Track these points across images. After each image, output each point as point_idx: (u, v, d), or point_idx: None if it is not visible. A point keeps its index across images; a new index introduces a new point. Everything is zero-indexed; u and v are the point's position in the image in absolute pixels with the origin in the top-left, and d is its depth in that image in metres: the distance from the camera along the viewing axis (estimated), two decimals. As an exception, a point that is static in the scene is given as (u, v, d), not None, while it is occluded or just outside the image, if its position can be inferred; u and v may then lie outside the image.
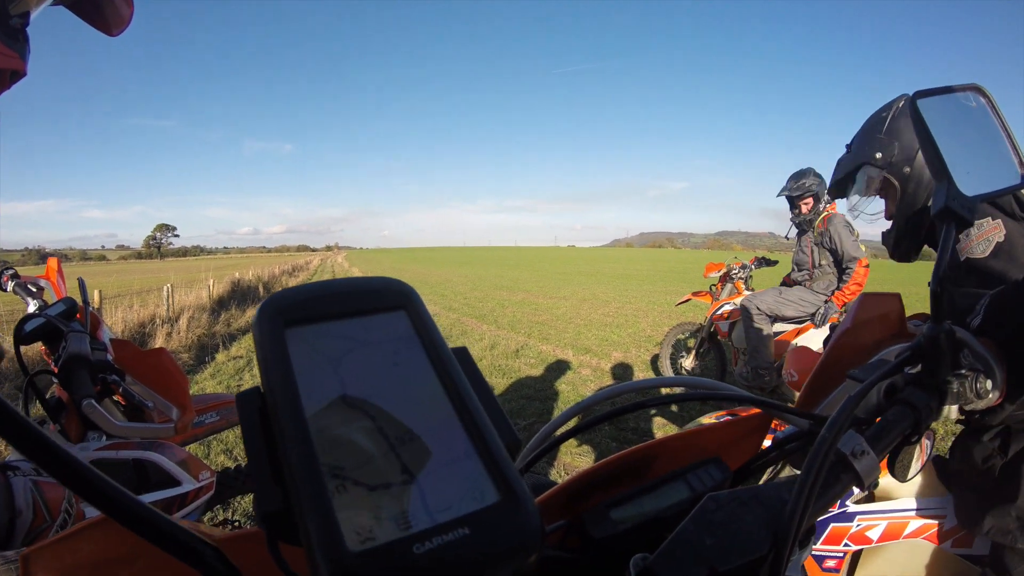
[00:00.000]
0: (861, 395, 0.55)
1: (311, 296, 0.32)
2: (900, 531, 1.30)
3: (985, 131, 0.79)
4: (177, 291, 11.63)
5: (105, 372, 1.75)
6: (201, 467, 1.86)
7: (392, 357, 0.31)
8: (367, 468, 0.27)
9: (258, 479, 0.28)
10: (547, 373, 6.68)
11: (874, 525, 1.34)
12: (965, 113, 0.79)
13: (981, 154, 0.78)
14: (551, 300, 14.65)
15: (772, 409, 0.66)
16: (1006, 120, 0.79)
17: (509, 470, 0.29)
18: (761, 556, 0.44)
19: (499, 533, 0.27)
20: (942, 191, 0.68)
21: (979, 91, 0.79)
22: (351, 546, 0.25)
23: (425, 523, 0.26)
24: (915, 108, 0.71)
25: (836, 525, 1.38)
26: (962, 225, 0.69)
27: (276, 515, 0.27)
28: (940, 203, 0.68)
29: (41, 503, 1.34)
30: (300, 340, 0.30)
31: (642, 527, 0.51)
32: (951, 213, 0.68)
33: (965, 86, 0.79)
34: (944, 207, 0.68)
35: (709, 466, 0.57)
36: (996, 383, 0.70)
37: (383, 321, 0.33)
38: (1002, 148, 0.79)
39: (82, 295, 2.04)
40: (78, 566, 0.52)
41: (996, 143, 0.79)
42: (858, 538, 1.35)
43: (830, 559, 1.38)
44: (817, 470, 0.47)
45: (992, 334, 0.73)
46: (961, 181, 0.69)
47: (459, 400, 0.31)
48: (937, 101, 0.74)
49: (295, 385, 0.29)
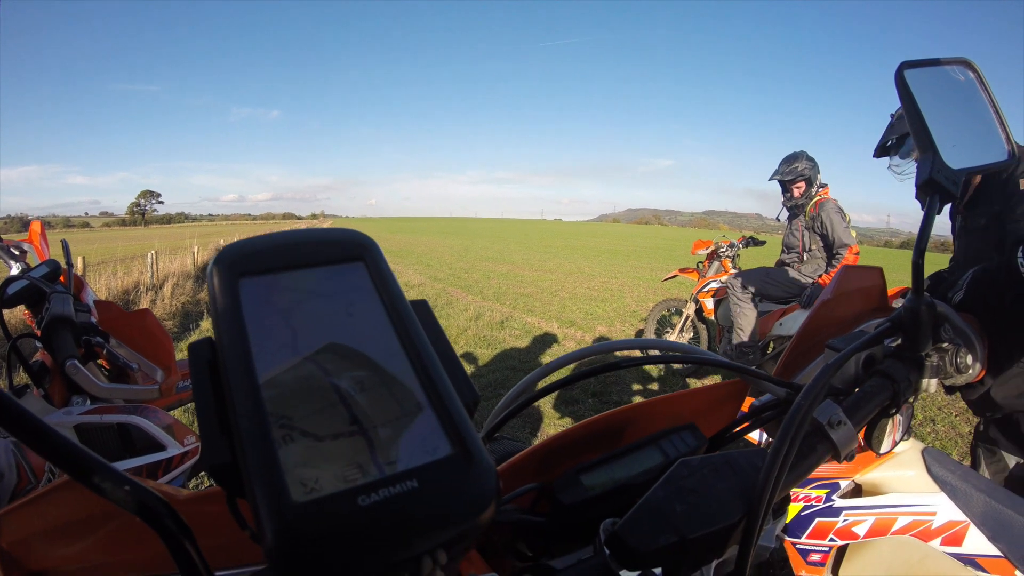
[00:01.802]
0: (839, 363, 0.55)
1: (267, 246, 0.31)
2: (888, 527, 1.28)
3: (973, 105, 0.78)
4: (161, 258, 11.54)
5: (89, 334, 1.73)
6: (186, 432, 1.84)
7: (347, 308, 0.30)
8: (316, 418, 0.26)
9: (205, 430, 0.27)
10: (532, 345, 6.70)
11: (861, 520, 1.32)
12: (953, 86, 0.78)
13: (968, 128, 0.77)
14: (537, 273, 14.65)
15: (749, 375, 0.65)
16: (995, 96, 0.78)
17: (464, 425, 0.28)
18: (732, 524, 0.43)
19: (450, 488, 0.26)
20: (927, 162, 0.68)
21: (968, 65, 0.78)
22: (295, 496, 0.24)
23: (373, 475, 0.25)
24: (902, 78, 0.70)
25: (822, 520, 1.37)
26: (946, 197, 0.68)
27: (223, 467, 0.26)
28: (925, 174, 0.67)
29: (25, 465, 1.32)
30: (253, 290, 0.29)
31: (613, 493, 0.51)
32: (935, 184, 0.67)
33: (954, 59, 0.78)
34: (929, 178, 0.67)
35: (684, 432, 0.56)
36: (977, 357, 0.70)
37: (340, 272, 0.32)
38: (989, 123, 0.78)
39: (66, 257, 2.00)
40: (49, 528, 0.51)
41: (984, 118, 0.78)
42: (844, 533, 1.33)
43: (815, 553, 1.37)
44: (792, 437, 0.46)
45: (975, 310, 0.73)
46: (947, 154, 0.69)
47: (415, 353, 0.30)
48: (925, 73, 0.73)
49: (246, 335, 0.28)
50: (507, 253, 21.48)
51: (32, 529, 0.51)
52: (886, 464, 1.33)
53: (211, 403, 0.28)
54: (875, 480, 1.37)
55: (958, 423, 4.30)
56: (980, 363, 0.70)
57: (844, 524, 1.33)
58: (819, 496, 1.39)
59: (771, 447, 0.46)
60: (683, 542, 0.41)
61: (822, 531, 1.36)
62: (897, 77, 0.70)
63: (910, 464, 1.30)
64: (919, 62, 0.73)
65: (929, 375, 0.67)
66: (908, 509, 1.27)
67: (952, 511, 1.21)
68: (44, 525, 0.51)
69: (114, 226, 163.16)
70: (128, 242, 18.02)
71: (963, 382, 0.71)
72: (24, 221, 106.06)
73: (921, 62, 0.74)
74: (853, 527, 1.32)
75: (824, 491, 1.39)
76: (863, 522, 1.32)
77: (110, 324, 1.89)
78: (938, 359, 0.68)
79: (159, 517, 0.28)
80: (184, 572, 0.29)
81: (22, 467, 1.31)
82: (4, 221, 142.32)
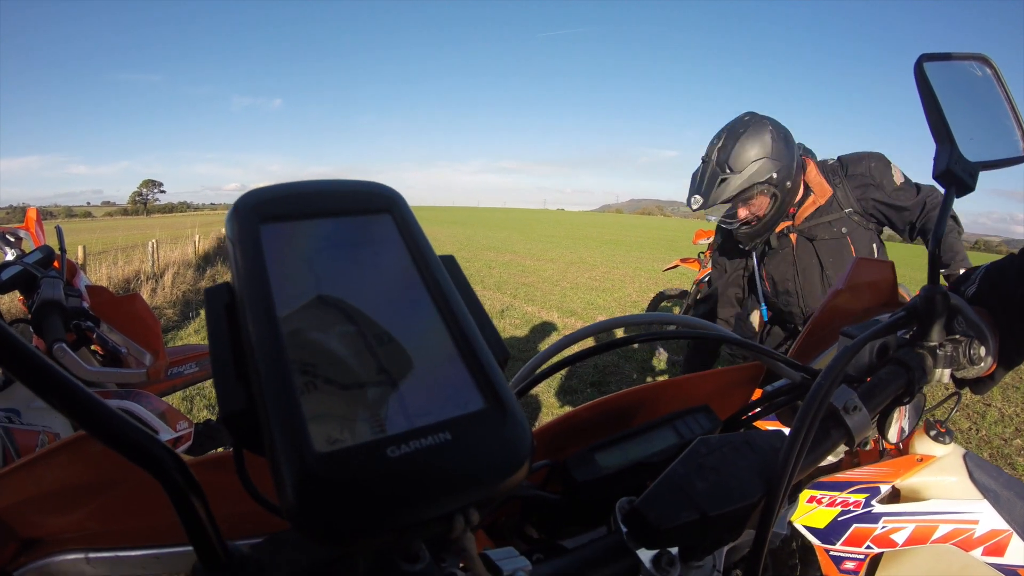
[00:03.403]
0: (856, 348, 0.54)
1: (291, 192, 0.30)
2: (928, 535, 1.23)
3: (989, 101, 0.79)
4: (162, 247, 11.50)
5: (79, 319, 1.72)
6: (179, 417, 1.84)
7: (374, 259, 0.29)
8: (341, 367, 0.25)
9: (220, 376, 0.26)
10: (531, 334, 6.68)
11: (901, 527, 1.26)
12: (970, 81, 0.78)
13: (983, 123, 0.77)
14: (538, 262, 14.59)
15: (765, 357, 0.65)
16: (1011, 93, 0.78)
17: (497, 377, 0.26)
18: (752, 503, 0.42)
19: (484, 442, 0.24)
20: (944, 153, 0.67)
21: (985, 61, 0.79)
22: (318, 447, 0.22)
23: (402, 426, 0.24)
24: (921, 70, 0.70)
25: (859, 526, 1.30)
26: (962, 189, 0.68)
27: (238, 415, 0.25)
28: (942, 166, 0.67)
29: (12, 450, 1.31)
30: (276, 236, 0.28)
31: (627, 472, 0.50)
32: (952, 176, 0.67)
33: (971, 55, 0.78)
34: (946, 169, 0.67)
35: (698, 414, 0.56)
36: (989, 350, 0.69)
37: (366, 223, 0.30)
38: (1005, 119, 0.78)
39: (59, 242, 2.01)
40: (44, 494, 0.50)
41: (999, 114, 0.78)
42: (882, 540, 1.28)
43: (849, 561, 1.31)
44: (811, 420, 0.46)
45: (987, 304, 0.73)
46: (964, 146, 0.68)
47: (445, 304, 0.28)
48: (943, 66, 0.73)
49: (267, 281, 0.26)
50: (509, 242, 21.39)
51: (26, 494, 0.49)
52: (927, 469, 1.29)
53: (227, 348, 0.26)
54: (915, 485, 1.32)
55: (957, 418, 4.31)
56: (992, 356, 0.70)
57: (883, 531, 1.28)
58: (857, 501, 1.33)
59: (792, 428, 0.45)
60: (704, 519, 0.40)
61: (859, 538, 1.30)
62: (916, 69, 0.70)
63: (952, 470, 1.27)
64: (938, 55, 0.73)
65: (943, 365, 0.67)
66: (950, 516, 1.22)
67: (995, 520, 1.17)
68: (39, 491, 0.49)
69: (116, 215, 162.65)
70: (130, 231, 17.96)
71: (975, 375, 0.71)
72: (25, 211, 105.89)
73: (940, 55, 0.74)
74: (892, 534, 1.27)
75: (863, 495, 1.33)
76: (903, 529, 1.27)
77: (101, 309, 1.89)
78: (952, 350, 0.67)
79: (166, 469, 0.26)
80: (191, 532, 0.27)
81: (8, 451, 1.30)
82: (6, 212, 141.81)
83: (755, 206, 2.15)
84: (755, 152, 2.06)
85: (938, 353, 0.66)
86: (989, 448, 3.88)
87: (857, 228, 2.18)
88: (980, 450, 3.79)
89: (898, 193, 2.12)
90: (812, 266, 2.22)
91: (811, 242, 2.21)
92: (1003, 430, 4.18)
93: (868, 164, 2.16)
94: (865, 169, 2.16)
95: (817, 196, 2.19)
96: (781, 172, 2.07)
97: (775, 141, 2.07)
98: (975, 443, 3.95)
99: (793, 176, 2.10)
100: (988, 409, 4.55)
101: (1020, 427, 4.24)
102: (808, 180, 2.19)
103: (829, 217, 2.18)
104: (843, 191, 2.18)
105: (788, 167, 2.08)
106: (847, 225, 2.17)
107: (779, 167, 2.06)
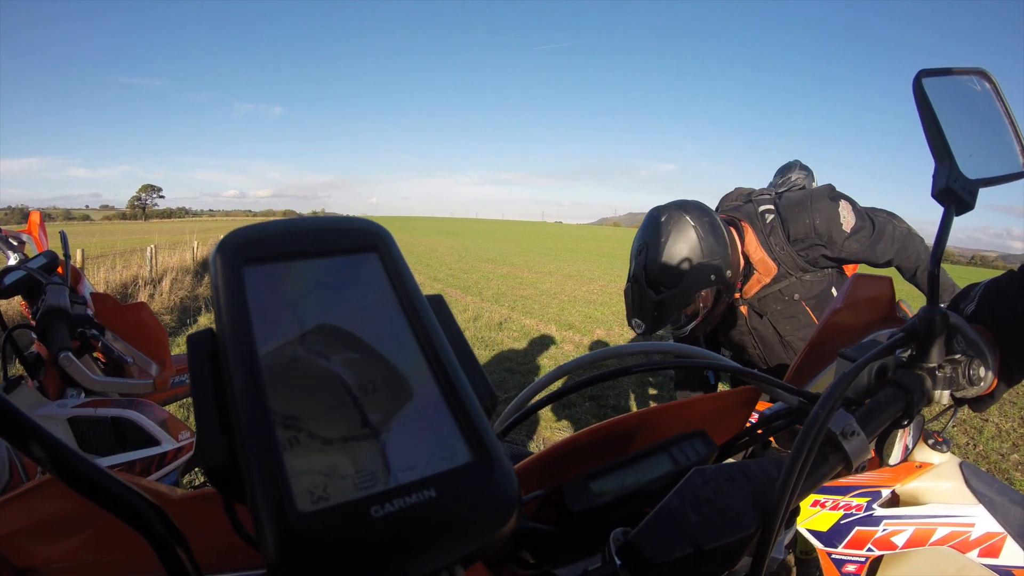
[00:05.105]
0: (855, 373, 0.53)
1: (275, 232, 0.29)
2: (927, 537, 1.26)
3: (988, 116, 0.78)
4: (161, 252, 11.52)
5: (84, 326, 1.71)
6: (181, 427, 1.83)
7: (359, 301, 0.29)
8: (324, 419, 0.25)
9: (202, 428, 0.25)
10: (530, 347, 6.68)
11: (901, 530, 1.30)
12: (969, 96, 0.77)
13: (983, 139, 0.77)
14: (536, 275, 14.62)
15: (761, 383, 0.64)
16: (1011, 108, 0.78)
17: (483, 428, 0.26)
18: (747, 535, 0.42)
19: (470, 497, 0.24)
20: (944, 171, 0.67)
21: (984, 76, 0.78)
22: (301, 506, 0.22)
23: (386, 483, 0.23)
24: (919, 86, 0.69)
25: (861, 529, 1.33)
26: (962, 208, 0.67)
27: (221, 470, 0.24)
28: (941, 183, 0.66)
29: (17, 464, 1.31)
30: (259, 279, 0.27)
31: (623, 500, 0.49)
32: (952, 194, 0.66)
33: (970, 69, 0.78)
34: (945, 187, 0.66)
35: (694, 440, 0.55)
36: (989, 368, 0.69)
37: (352, 263, 0.30)
38: (1005, 135, 0.77)
39: (64, 249, 2.00)
40: (36, 525, 0.50)
41: (999, 129, 0.78)
42: (883, 543, 1.31)
43: (851, 564, 1.34)
44: (809, 448, 0.45)
45: (987, 321, 0.72)
46: (963, 163, 0.68)
47: (431, 350, 0.28)
48: (942, 81, 0.72)
49: (250, 326, 0.26)
50: (507, 254, 21.46)
51: (19, 525, 0.49)
52: (926, 475, 1.32)
53: (210, 399, 0.26)
54: (913, 490, 1.35)
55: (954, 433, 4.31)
56: (992, 374, 0.70)
57: (884, 533, 1.31)
58: (860, 504, 1.36)
59: (788, 457, 0.45)
60: (699, 553, 0.40)
61: (860, 540, 1.33)
62: (915, 84, 0.70)
63: (948, 476, 1.29)
64: (936, 70, 0.73)
65: (942, 387, 0.66)
66: (947, 520, 1.26)
67: (990, 523, 1.20)
68: (31, 521, 0.49)
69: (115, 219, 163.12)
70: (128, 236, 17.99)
71: (975, 394, 0.70)
72: (24, 212, 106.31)
73: (938, 71, 0.73)
74: (892, 537, 1.31)
75: (865, 499, 1.36)
76: (903, 532, 1.30)
77: (106, 316, 1.88)
78: (951, 371, 0.67)
79: (147, 521, 0.26)
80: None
81: (14, 465, 1.29)
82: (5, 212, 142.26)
83: (700, 303, 1.94)
84: (683, 258, 1.82)
85: (937, 375, 0.66)
86: (986, 463, 3.89)
87: (810, 283, 2.01)
88: (978, 464, 3.79)
89: (851, 243, 1.91)
90: (770, 334, 2.07)
91: (762, 316, 2.07)
92: (1000, 445, 4.20)
93: (810, 222, 1.92)
94: (807, 230, 1.93)
95: (761, 275, 2.00)
96: (718, 267, 1.84)
97: (701, 236, 1.83)
98: (972, 458, 3.95)
99: (731, 261, 1.89)
100: (985, 424, 4.56)
101: (1017, 442, 4.26)
102: (749, 254, 1.99)
103: (778, 286, 2.01)
104: (789, 256, 1.97)
105: (724, 256, 1.85)
106: (799, 290, 2.00)
107: (714, 262, 1.83)
